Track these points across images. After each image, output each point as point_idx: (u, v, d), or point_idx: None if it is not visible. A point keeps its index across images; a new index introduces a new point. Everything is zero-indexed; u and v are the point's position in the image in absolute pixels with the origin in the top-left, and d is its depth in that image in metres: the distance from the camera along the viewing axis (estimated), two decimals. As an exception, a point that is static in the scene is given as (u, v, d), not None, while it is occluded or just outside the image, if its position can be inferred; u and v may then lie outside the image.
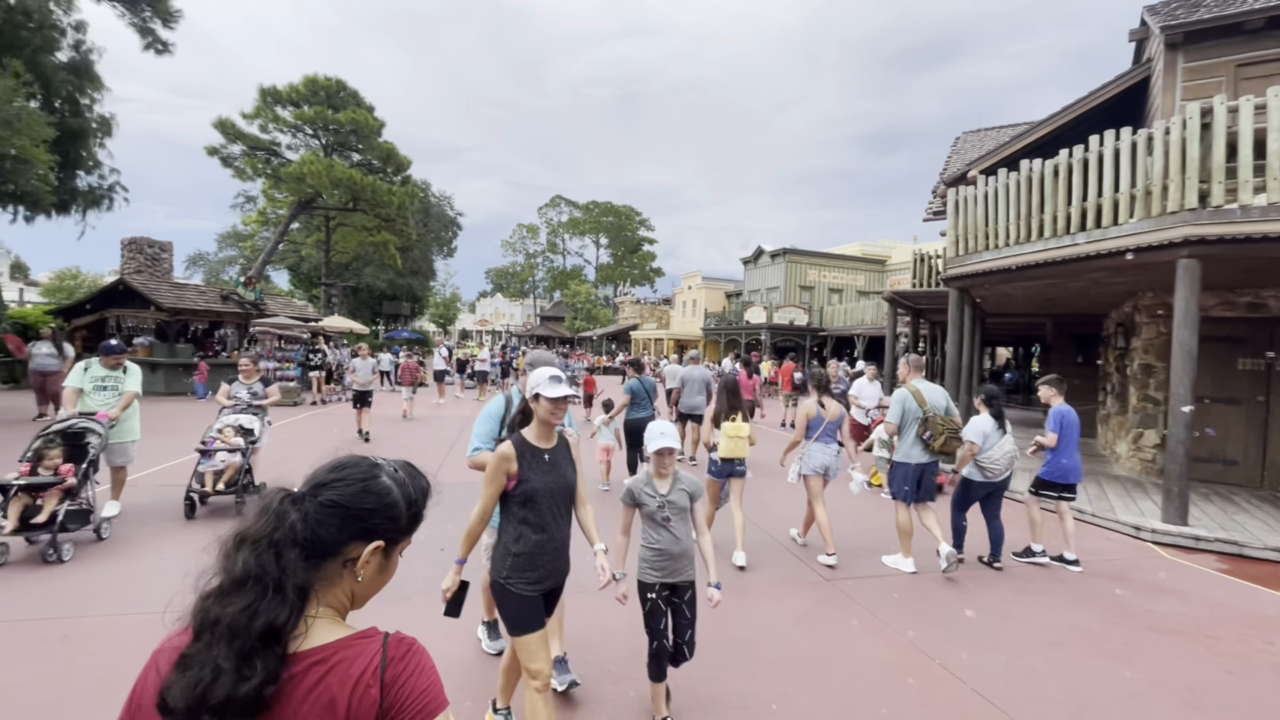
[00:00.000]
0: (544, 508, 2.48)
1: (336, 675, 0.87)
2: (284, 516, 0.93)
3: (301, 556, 0.91)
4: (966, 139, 17.50)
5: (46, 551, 4.54)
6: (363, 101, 29.40)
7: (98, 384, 5.55)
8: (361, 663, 0.88)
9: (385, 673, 0.88)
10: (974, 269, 8.61)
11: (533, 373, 2.54)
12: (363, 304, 44.15)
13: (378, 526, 0.99)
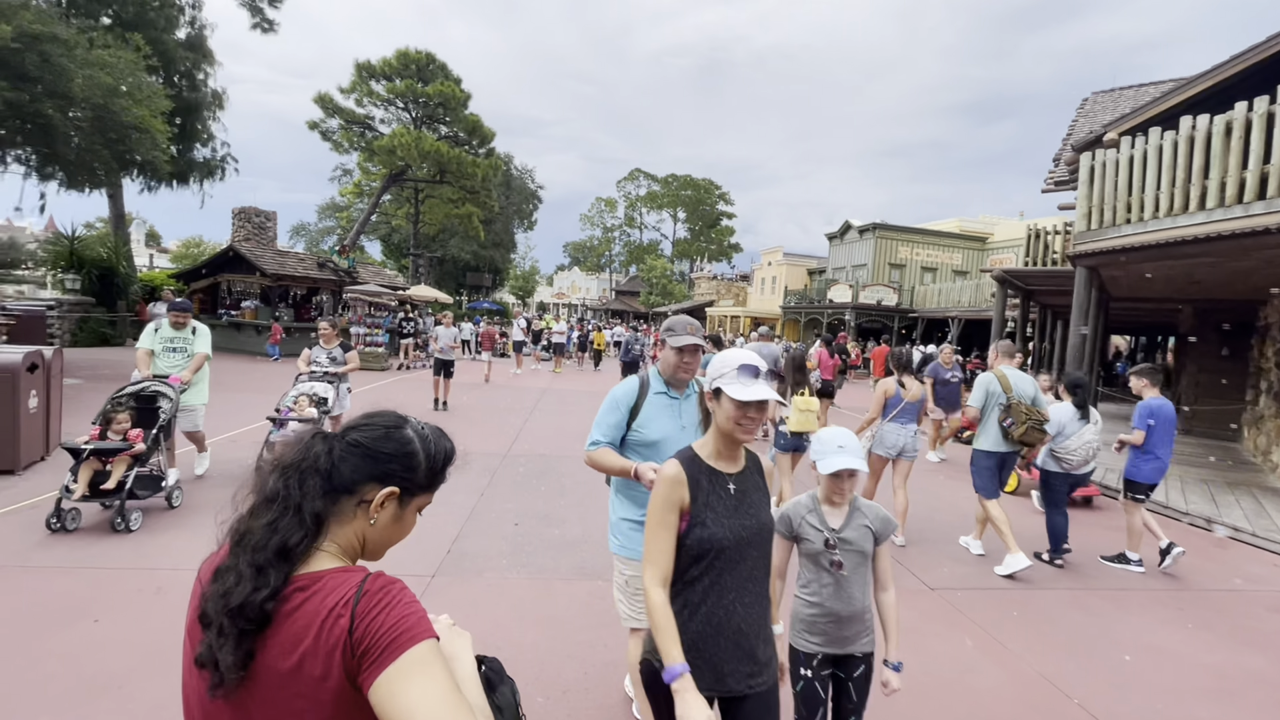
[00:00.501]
0: (725, 565, 1.64)
1: (314, 601, 0.88)
2: (311, 449, 0.99)
3: (321, 487, 0.96)
4: (1097, 100, 15.54)
5: (115, 519, 4.36)
6: (450, 74, 29.88)
7: (167, 345, 5.40)
8: (339, 593, 0.88)
9: (358, 604, 0.87)
10: (1110, 245, 7.53)
11: (714, 360, 1.72)
12: (448, 274, 45.77)
13: (394, 472, 1.01)
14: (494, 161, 31.29)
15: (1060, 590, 4.52)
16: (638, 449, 2.45)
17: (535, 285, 69.71)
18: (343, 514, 0.99)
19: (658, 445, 2.42)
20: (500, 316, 35.41)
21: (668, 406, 2.45)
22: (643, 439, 2.43)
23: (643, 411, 2.46)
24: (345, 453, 1.00)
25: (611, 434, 2.47)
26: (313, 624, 0.86)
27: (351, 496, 0.99)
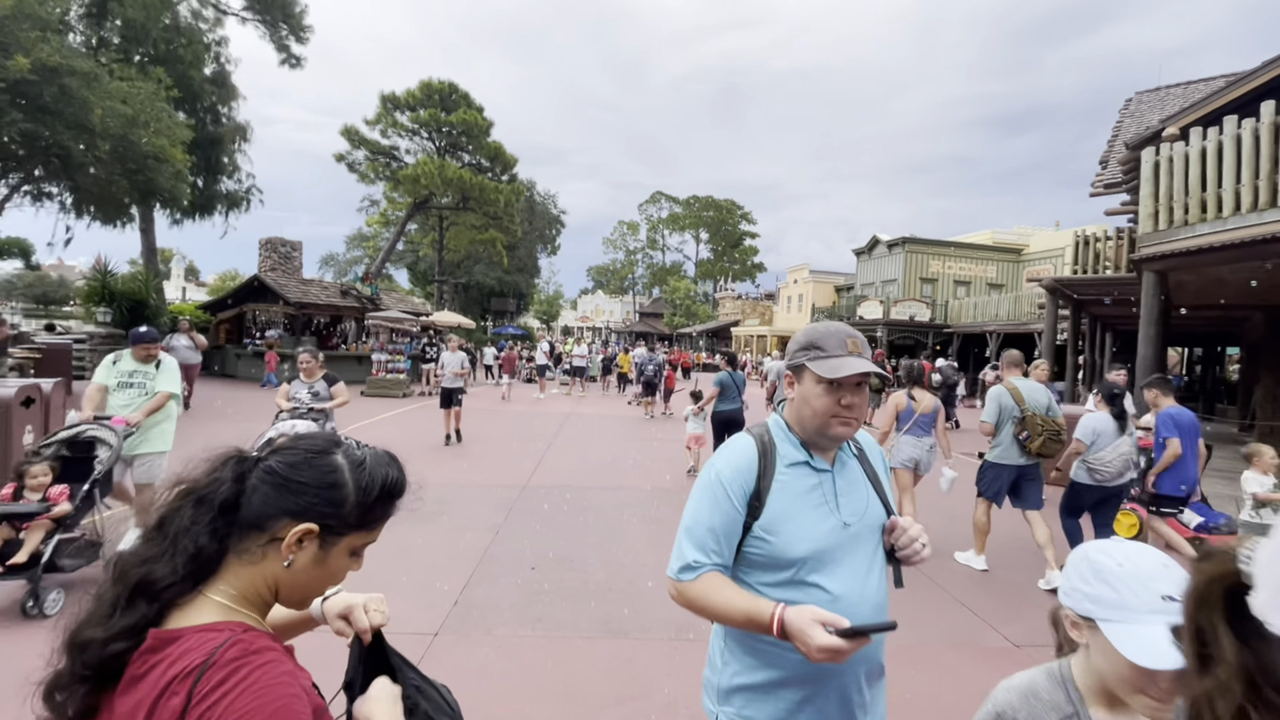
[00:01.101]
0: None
1: (160, 669, 0.71)
2: (217, 473, 0.84)
3: (213, 521, 0.81)
4: (1143, 99, 14.79)
5: (25, 600, 3.41)
6: (473, 103, 30.28)
7: (124, 380, 4.43)
8: (186, 660, 0.70)
9: (200, 679, 0.68)
10: (1184, 245, 6.83)
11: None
12: (472, 300, 46.08)
13: (311, 506, 0.83)
14: (516, 187, 31.47)
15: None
16: (768, 570, 1.33)
17: (559, 309, 69.93)
18: (247, 553, 0.83)
19: (806, 563, 1.30)
20: (525, 341, 35.31)
21: (813, 490, 1.35)
22: (777, 553, 1.30)
23: (770, 502, 1.33)
24: (257, 481, 0.84)
25: (719, 549, 1.33)
26: (148, 697, 0.70)
27: (260, 534, 0.83)
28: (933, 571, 4.76)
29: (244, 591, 0.82)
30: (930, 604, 4.25)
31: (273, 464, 0.85)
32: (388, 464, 0.92)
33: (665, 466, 8.38)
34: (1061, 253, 29.29)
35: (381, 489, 0.89)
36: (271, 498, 0.83)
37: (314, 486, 0.84)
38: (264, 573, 0.83)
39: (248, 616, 0.81)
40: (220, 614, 0.78)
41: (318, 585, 0.88)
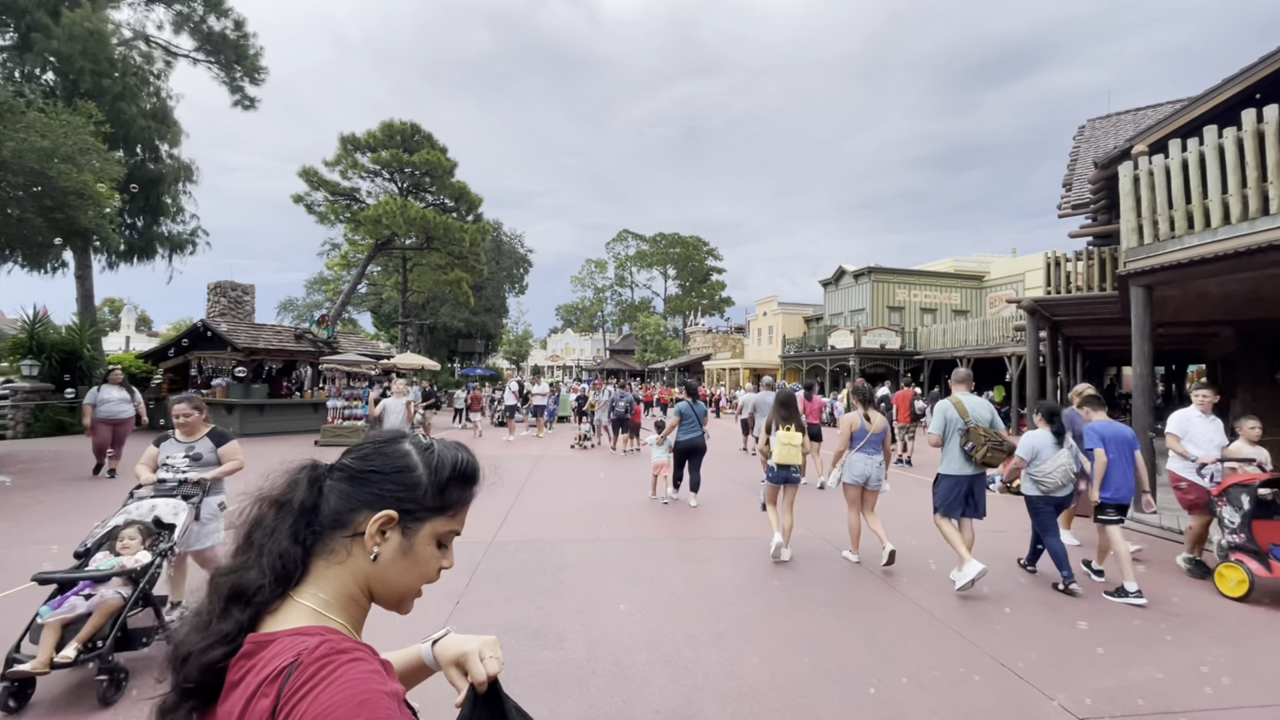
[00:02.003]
0: None
1: (254, 673, 0.70)
2: (294, 480, 0.85)
3: (298, 521, 0.82)
4: (1095, 125, 15.21)
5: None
6: (436, 143, 29.97)
7: None
8: (277, 662, 0.70)
9: (288, 680, 0.68)
10: (1173, 258, 6.63)
11: None
12: (439, 342, 45.04)
13: (387, 492, 0.84)
14: (482, 227, 31.04)
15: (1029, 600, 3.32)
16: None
17: (529, 349, 68.98)
18: (333, 553, 0.82)
19: None
20: (493, 382, 34.36)
21: None
22: None
23: None
24: (333, 482, 0.85)
25: None
26: (242, 697, 0.69)
27: (343, 530, 0.82)
28: (918, 597, 4.75)
29: (335, 595, 0.81)
30: (876, 594, 3.68)
31: (345, 462, 0.87)
32: (456, 449, 0.93)
33: (647, 511, 7.71)
34: (1021, 277, 29.99)
35: (453, 470, 0.89)
36: (347, 492, 0.84)
37: (385, 472, 0.85)
38: (353, 571, 0.82)
39: (339, 624, 0.79)
40: (311, 619, 0.77)
41: (409, 579, 0.86)
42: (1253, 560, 4.73)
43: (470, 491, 0.92)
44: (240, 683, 0.71)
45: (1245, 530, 4.83)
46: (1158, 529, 6.90)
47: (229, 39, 18.89)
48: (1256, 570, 4.66)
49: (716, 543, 6.25)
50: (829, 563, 5.65)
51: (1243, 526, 4.84)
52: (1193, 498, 5.48)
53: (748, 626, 4.12)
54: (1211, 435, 5.51)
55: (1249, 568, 4.69)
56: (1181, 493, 5.58)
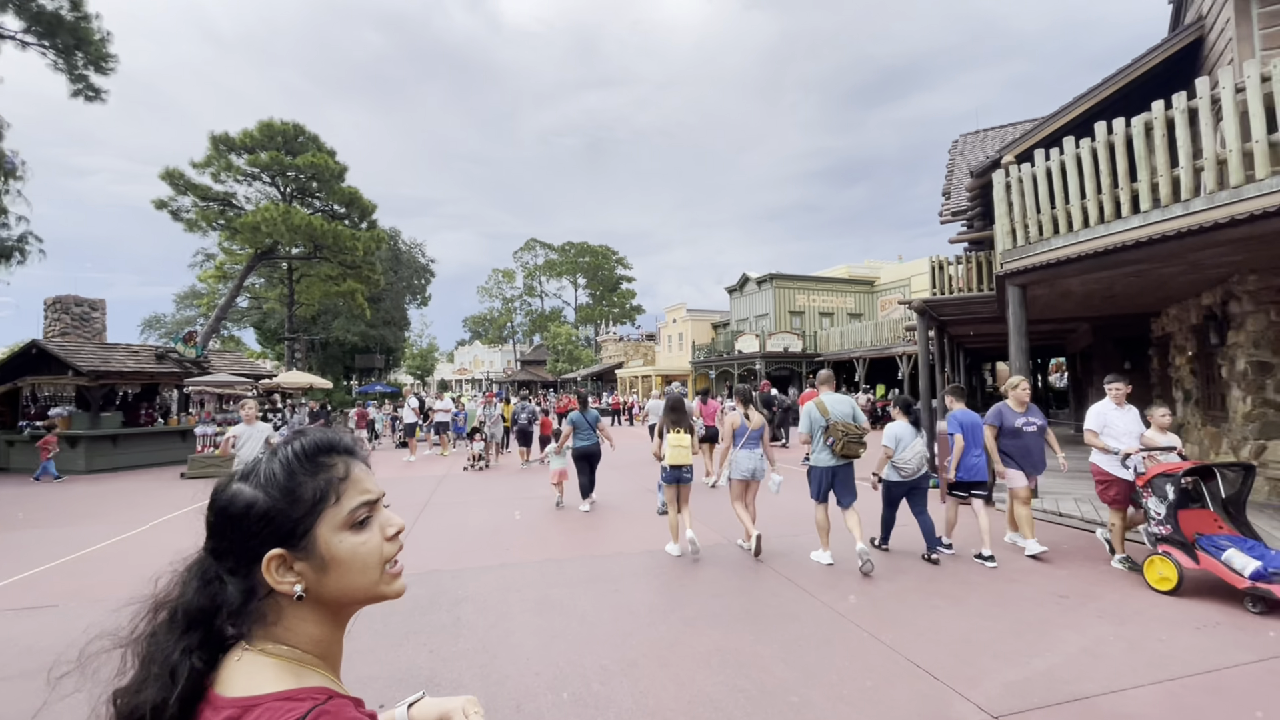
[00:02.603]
0: None
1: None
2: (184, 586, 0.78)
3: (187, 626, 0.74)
4: (966, 140, 16.51)
5: None
6: (323, 146, 27.99)
7: None
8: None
9: None
10: (1044, 258, 7.12)
11: None
12: (332, 358, 42.09)
13: (253, 541, 0.76)
14: (376, 234, 29.21)
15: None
16: None
17: (434, 363, 65.99)
18: (266, 616, 0.76)
19: None
20: (395, 399, 32.41)
21: None
22: None
23: None
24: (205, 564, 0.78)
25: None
26: None
27: (256, 597, 0.76)
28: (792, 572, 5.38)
29: (298, 641, 0.77)
30: (791, 601, 3.60)
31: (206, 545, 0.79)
32: (286, 444, 0.82)
33: (556, 528, 7.31)
34: (908, 281, 32.18)
35: (289, 469, 0.79)
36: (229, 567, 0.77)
37: (234, 527, 0.77)
38: (297, 616, 0.77)
39: (317, 670, 0.77)
40: (287, 673, 0.73)
41: (355, 577, 0.79)
42: (1180, 552, 4.60)
43: (330, 467, 0.81)
44: None
45: (1171, 520, 4.70)
46: (1078, 520, 7.16)
47: (64, 20, 16.63)
48: (1184, 562, 4.54)
49: (630, 559, 5.96)
50: (742, 569, 5.51)
51: (1168, 517, 4.71)
52: (1113, 493, 5.37)
53: (662, 651, 3.85)
54: (1129, 426, 5.43)
55: (1176, 559, 4.59)
56: (1103, 488, 5.46)
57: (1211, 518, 4.75)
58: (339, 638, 0.82)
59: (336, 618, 0.81)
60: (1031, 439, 5.89)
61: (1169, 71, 9.18)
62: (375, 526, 0.81)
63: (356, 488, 0.81)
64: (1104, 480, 5.43)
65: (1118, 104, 9.15)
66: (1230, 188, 5.38)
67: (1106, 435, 5.45)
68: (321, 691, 0.72)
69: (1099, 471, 5.49)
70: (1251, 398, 7.30)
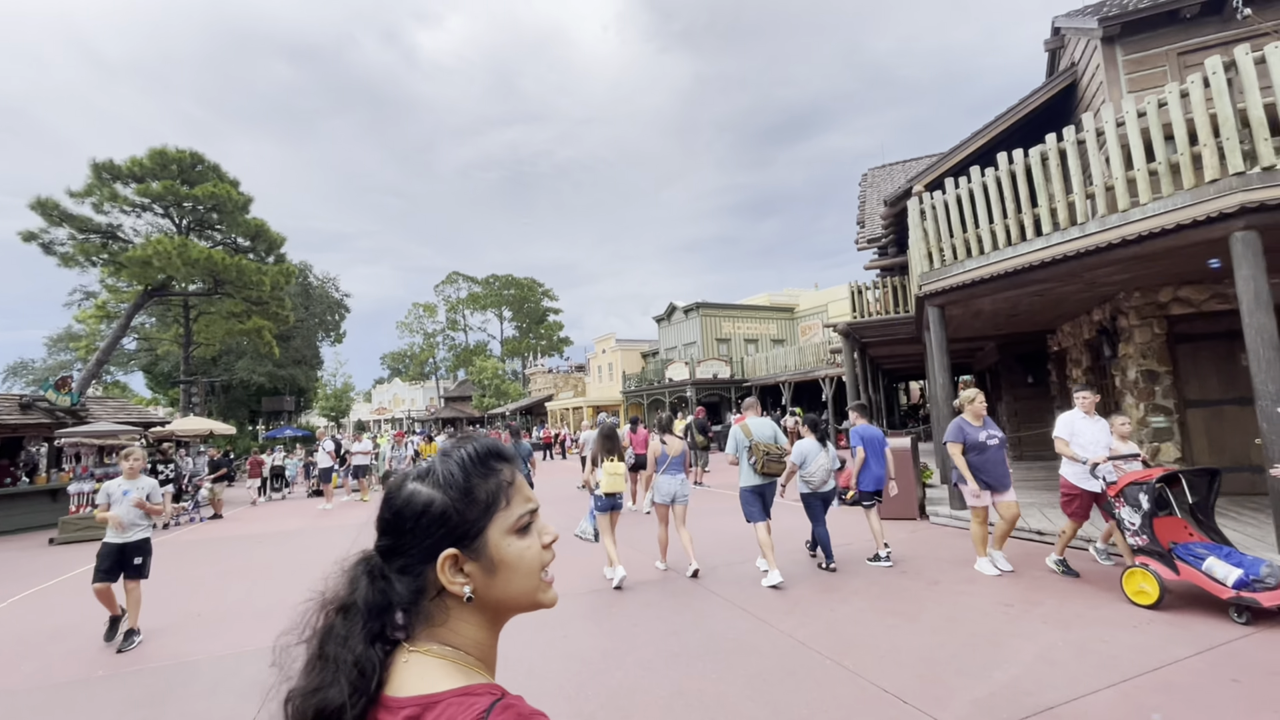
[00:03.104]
0: None
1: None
2: (355, 581, 0.79)
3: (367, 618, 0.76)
4: (875, 174, 17.61)
5: None
6: (224, 175, 26.29)
7: None
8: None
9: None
10: (960, 279, 7.53)
11: None
12: (236, 402, 39.02)
13: (430, 540, 0.78)
14: (285, 268, 27.52)
15: (1091, 688, 3.49)
16: None
17: (350, 403, 62.42)
18: (434, 617, 0.78)
19: None
20: (306, 443, 30.23)
21: None
22: None
23: None
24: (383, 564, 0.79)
25: None
26: None
27: (427, 595, 0.77)
28: (744, 600, 5.30)
29: (458, 642, 0.78)
30: (748, 632, 3.49)
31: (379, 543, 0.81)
32: (455, 447, 0.85)
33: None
34: (825, 308, 33.68)
35: (465, 472, 0.81)
36: (402, 565, 0.78)
37: (412, 527, 0.79)
38: (463, 619, 0.79)
39: (480, 673, 0.77)
40: (445, 674, 0.74)
41: (518, 583, 0.81)
42: (1159, 563, 4.46)
43: (501, 473, 0.83)
44: None
45: (1148, 530, 4.54)
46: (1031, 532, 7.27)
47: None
48: (1165, 574, 4.39)
49: (576, 600, 5.62)
50: (692, 600, 5.30)
51: (1144, 527, 4.56)
52: (1075, 506, 5.36)
53: (621, 700, 3.56)
54: (1098, 435, 5.36)
55: (1156, 572, 4.41)
56: (1066, 501, 5.44)
57: (1182, 525, 4.64)
58: (495, 644, 0.83)
59: (495, 622, 0.82)
60: (995, 452, 5.62)
61: (1049, 111, 10.14)
62: (535, 533, 0.84)
63: (521, 494, 0.84)
64: (1070, 494, 5.41)
65: (1009, 139, 10.00)
66: (1119, 211, 5.88)
67: (1075, 445, 5.37)
68: (496, 688, 0.73)
69: (1067, 485, 5.43)
70: (1144, 404, 7.94)
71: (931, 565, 5.94)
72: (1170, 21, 7.88)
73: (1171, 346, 7.80)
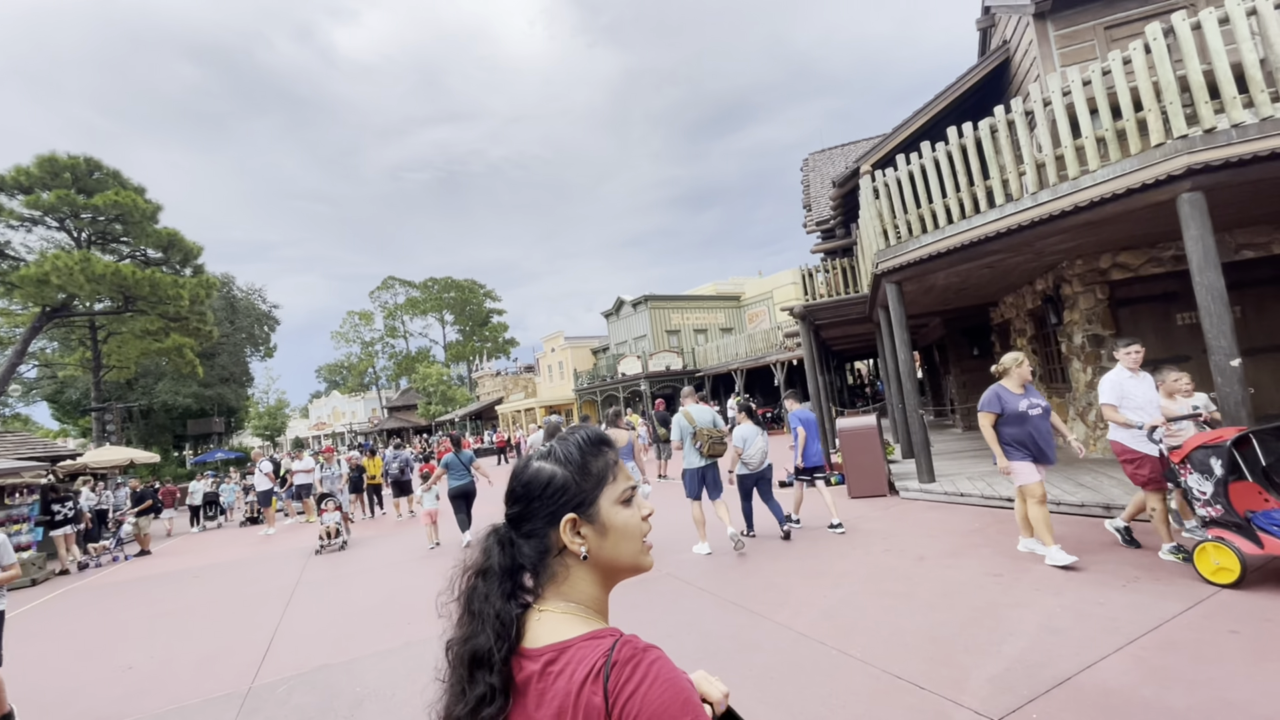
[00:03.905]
0: None
1: (564, 678, 0.81)
2: (489, 550, 0.95)
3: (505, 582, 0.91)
4: (815, 158, 17.82)
5: None
6: (127, 182, 24.24)
7: None
8: (588, 663, 0.81)
9: (608, 678, 0.78)
10: (915, 255, 7.57)
11: None
12: (158, 427, 36.34)
13: (554, 506, 0.93)
14: (205, 280, 25.64)
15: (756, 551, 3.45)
16: None
17: (285, 420, 59.17)
18: (557, 574, 0.93)
19: None
20: (240, 465, 28.37)
21: None
22: None
23: None
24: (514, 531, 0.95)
25: None
26: (567, 704, 0.79)
27: (550, 554, 0.93)
28: (733, 594, 5.06)
29: (581, 600, 0.91)
30: (745, 628, 3.34)
31: (509, 512, 0.97)
32: (570, 433, 1.01)
33: (463, 589, 6.41)
34: (770, 294, 34.18)
35: (581, 451, 0.97)
36: (528, 529, 0.93)
37: (540, 495, 0.94)
38: (581, 575, 0.92)
39: (601, 623, 0.91)
40: (577, 622, 0.88)
41: (626, 546, 0.95)
42: (1238, 537, 3.93)
43: (608, 454, 0.99)
44: (551, 685, 0.80)
45: (1222, 499, 4.02)
46: (978, 498, 7.21)
47: None
48: (1246, 548, 3.87)
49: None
50: (682, 599, 5.08)
51: (1217, 495, 4.06)
52: (1147, 471, 4.61)
53: None
54: (1149, 394, 4.73)
55: (1235, 546, 3.89)
56: (1134, 468, 4.69)
57: (1256, 490, 4.09)
58: (607, 601, 0.96)
59: (607, 582, 0.96)
60: (1039, 422, 4.84)
61: (984, 89, 10.40)
62: (636, 506, 0.98)
63: (624, 472, 0.99)
64: (1132, 459, 4.67)
65: (948, 118, 10.18)
66: (1070, 179, 5.98)
67: (1126, 408, 4.71)
68: (616, 630, 0.87)
69: (1124, 450, 4.70)
70: (1090, 367, 8.23)
71: (913, 541, 5.92)
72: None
73: (1114, 310, 8.10)
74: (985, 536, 5.79)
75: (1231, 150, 5.05)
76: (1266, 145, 4.95)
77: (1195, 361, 7.69)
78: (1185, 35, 5.24)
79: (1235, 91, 5.09)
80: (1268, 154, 4.96)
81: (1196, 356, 7.75)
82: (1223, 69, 5.11)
